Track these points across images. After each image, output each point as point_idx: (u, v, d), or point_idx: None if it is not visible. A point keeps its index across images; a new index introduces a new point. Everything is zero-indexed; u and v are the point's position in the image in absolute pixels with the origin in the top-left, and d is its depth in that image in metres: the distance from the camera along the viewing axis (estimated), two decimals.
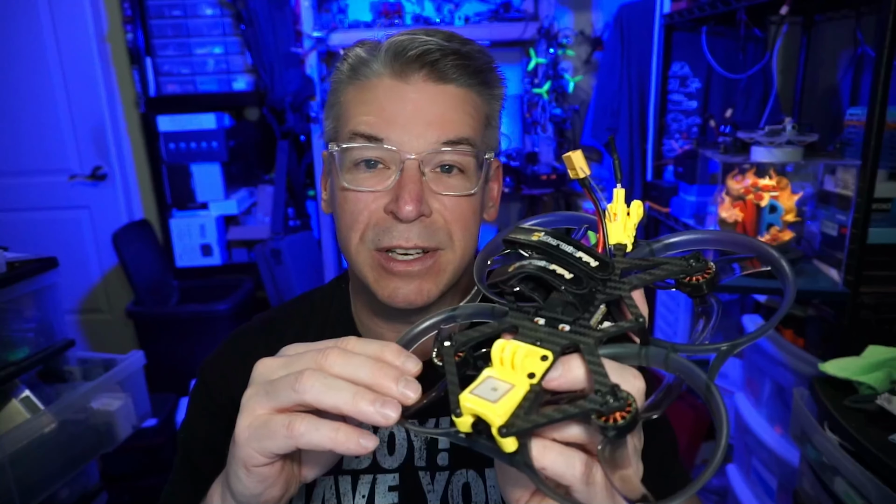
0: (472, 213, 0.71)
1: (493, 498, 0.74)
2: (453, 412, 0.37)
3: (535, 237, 0.44)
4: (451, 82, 0.69)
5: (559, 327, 0.40)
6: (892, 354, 1.15)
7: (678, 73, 2.54)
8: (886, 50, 1.28)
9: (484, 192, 0.75)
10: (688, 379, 0.39)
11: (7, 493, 1.28)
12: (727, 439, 0.36)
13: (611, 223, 0.45)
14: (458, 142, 0.68)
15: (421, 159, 0.67)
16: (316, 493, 0.76)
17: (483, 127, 0.72)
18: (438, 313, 0.48)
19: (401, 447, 0.76)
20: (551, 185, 2.63)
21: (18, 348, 1.48)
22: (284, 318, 0.87)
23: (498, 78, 0.74)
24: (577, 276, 0.41)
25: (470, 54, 0.70)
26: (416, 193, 0.66)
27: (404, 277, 0.69)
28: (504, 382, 0.37)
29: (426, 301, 0.70)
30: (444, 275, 0.71)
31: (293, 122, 2.75)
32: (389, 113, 0.67)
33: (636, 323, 0.39)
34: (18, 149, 2.90)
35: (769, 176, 1.65)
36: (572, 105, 2.82)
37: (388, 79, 0.68)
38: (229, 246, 3.02)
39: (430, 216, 0.69)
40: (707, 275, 0.42)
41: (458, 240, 0.70)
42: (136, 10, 2.73)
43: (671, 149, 2.54)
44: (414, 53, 0.67)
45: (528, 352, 0.38)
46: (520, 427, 0.35)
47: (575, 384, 0.38)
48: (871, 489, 0.97)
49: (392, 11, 2.66)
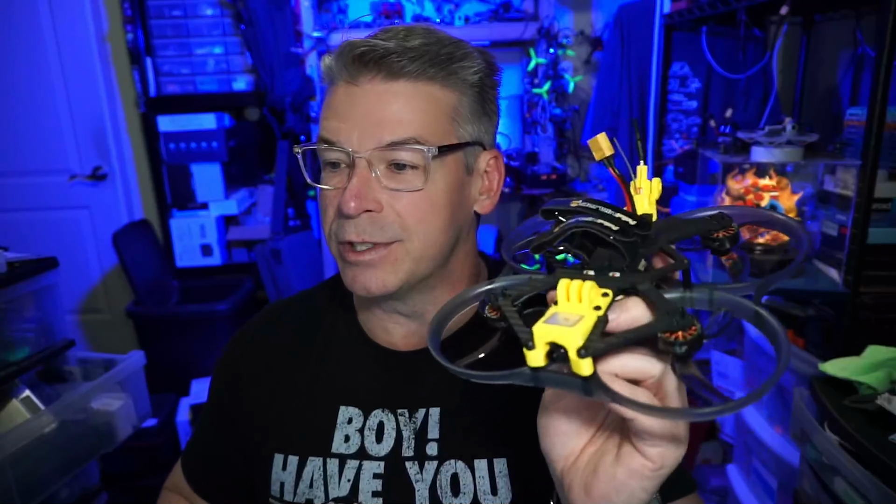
0: (429, 206, 0.72)
1: (482, 488, 0.74)
2: (525, 345, 0.38)
3: (573, 204, 0.46)
4: (400, 77, 0.70)
5: (610, 275, 0.42)
6: (892, 354, 1.15)
7: (678, 73, 2.55)
8: (886, 50, 1.28)
9: (463, 185, 0.76)
10: (736, 311, 0.41)
11: (7, 493, 1.28)
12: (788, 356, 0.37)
13: (637, 196, 0.47)
14: (404, 142, 0.69)
15: (368, 157, 0.69)
16: (306, 472, 0.78)
17: (446, 120, 0.72)
18: (478, 286, 0.49)
19: (388, 436, 0.77)
20: (551, 185, 2.63)
21: (18, 348, 1.48)
22: (286, 308, 0.92)
23: (470, 67, 0.73)
24: (622, 227, 0.42)
25: (424, 47, 0.70)
26: (356, 190, 0.69)
27: (359, 266, 0.73)
28: (573, 315, 0.38)
29: (383, 290, 0.73)
30: (401, 264, 0.72)
31: (293, 122, 2.75)
32: (342, 116, 0.71)
33: (681, 264, 0.42)
34: (18, 149, 2.90)
35: (769, 176, 1.65)
36: (572, 105, 2.82)
37: (344, 83, 0.72)
38: (229, 246, 3.03)
39: (380, 211, 0.71)
40: (730, 232, 0.45)
41: (414, 231, 0.72)
42: (136, 10, 2.72)
43: (671, 149, 2.54)
44: (356, 54, 0.69)
45: (592, 287, 0.40)
46: (597, 348, 0.37)
47: (637, 321, 0.40)
48: (871, 489, 0.97)
49: (392, 11, 2.66)
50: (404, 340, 0.82)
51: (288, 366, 0.85)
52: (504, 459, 0.75)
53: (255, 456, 0.83)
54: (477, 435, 0.75)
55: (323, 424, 0.80)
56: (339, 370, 0.83)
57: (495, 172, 0.80)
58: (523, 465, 0.75)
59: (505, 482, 0.74)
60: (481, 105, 0.76)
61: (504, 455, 0.75)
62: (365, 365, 0.82)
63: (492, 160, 0.79)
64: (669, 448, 0.42)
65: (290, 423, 0.81)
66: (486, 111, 0.77)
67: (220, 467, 0.90)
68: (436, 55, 0.70)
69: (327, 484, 0.77)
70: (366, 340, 0.83)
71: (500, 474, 0.74)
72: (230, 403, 0.87)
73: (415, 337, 0.81)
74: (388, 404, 0.79)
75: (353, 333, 0.84)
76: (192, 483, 0.92)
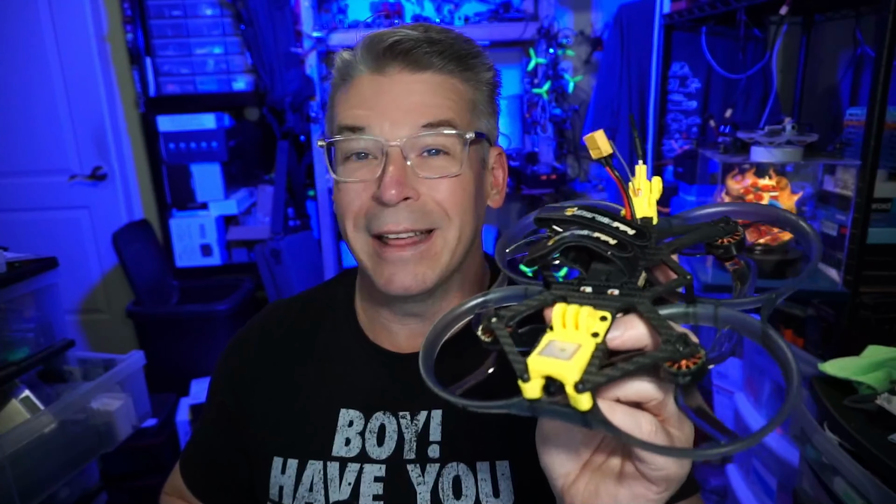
0: (463, 192, 0.72)
1: (484, 490, 0.74)
2: (521, 378, 0.36)
3: (568, 212, 0.44)
4: (428, 69, 0.71)
5: (608, 292, 0.40)
6: (892, 354, 1.15)
7: (678, 73, 2.54)
8: (886, 50, 1.28)
9: (481, 176, 0.76)
10: (741, 329, 0.39)
11: (7, 493, 1.28)
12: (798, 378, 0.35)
13: (635, 197, 0.45)
14: (439, 124, 0.69)
15: (402, 146, 0.69)
16: (305, 476, 0.78)
17: (468, 111, 0.73)
18: (470, 299, 0.47)
19: (390, 439, 0.77)
20: (551, 185, 2.63)
21: (18, 348, 1.48)
22: (287, 309, 0.91)
23: (484, 65, 0.75)
24: (620, 242, 0.41)
25: (446, 42, 0.71)
26: (396, 177, 0.68)
27: (398, 263, 0.71)
28: (570, 343, 0.37)
29: (422, 286, 0.71)
30: (440, 258, 0.72)
31: (293, 122, 2.74)
32: (370, 104, 0.70)
33: (684, 279, 0.40)
34: (18, 149, 2.89)
35: (769, 176, 1.65)
36: (572, 105, 2.82)
37: (368, 74, 0.71)
38: (229, 246, 3.02)
39: (417, 199, 0.70)
40: (736, 237, 0.43)
41: (454, 217, 0.71)
42: (136, 10, 2.72)
43: (671, 149, 2.54)
44: (385, 46, 0.69)
45: (589, 312, 0.38)
46: (595, 381, 0.35)
47: (638, 341, 0.39)
48: (871, 489, 0.97)
49: (392, 11, 2.66)
50: (408, 342, 0.81)
51: (288, 368, 0.84)
52: (506, 462, 0.74)
53: (255, 459, 0.82)
54: (479, 437, 0.75)
55: (323, 427, 0.79)
56: (340, 372, 0.82)
57: (500, 168, 0.81)
58: (526, 467, 0.74)
59: (507, 484, 0.74)
60: (492, 102, 0.78)
61: (506, 457, 0.75)
62: (366, 367, 0.81)
63: (497, 156, 0.81)
64: (673, 471, 0.42)
65: (290, 425, 0.81)
66: (494, 109, 0.79)
67: (220, 470, 0.89)
68: (457, 50, 0.72)
69: (327, 487, 0.76)
70: (367, 342, 0.83)
71: (502, 476, 0.74)
72: (230, 406, 0.86)
73: (418, 339, 0.81)
74: (389, 407, 0.78)
75: (354, 335, 0.84)
76: (191, 486, 0.91)
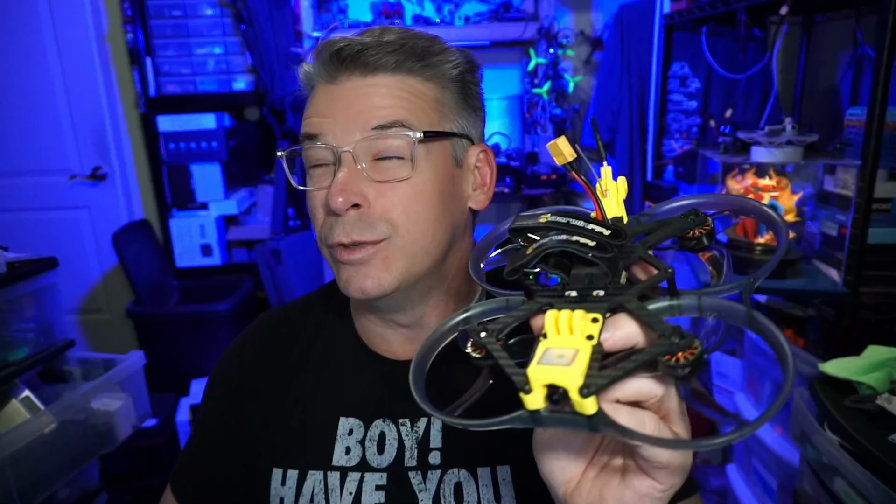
0: (416, 196, 0.69)
1: (486, 497, 0.73)
2: (522, 390, 0.36)
3: (542, 219, 0.44)
4: (378, 71, 0.69)
5: (594, 293, 0.40)
6: (892, 354, 1.15)
7: (678, 73, 2.55)
8: (886, 50, 1.28)
9: (454, 178, 0.74)
10: (727, 315, 0.39)
11: (7, 493, 1.28)
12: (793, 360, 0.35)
13: (604, 199, 0.46)
14: (389, 125, 0.68)
15: (353, 151, 0.68)
16: (306, 487, 0.77)
17: (431, 110, 0.71)
18: (452, 317, 0.48)
19: (390, 447, 0.76)
20: (551, 185, 2.63)
21: (18, 348, 1.48)
22: (281, 318, 0.89)
23: (450, 61, 0.72)
24: (600, 243, 0.41)
25: (400, 41, 0.70)
26: (342, 184, 0.67)
27: (352, 266, 0.70)
28: (566, 349, 0.37)
29: (380, 290, 0.70)
30: (393, 262, 0.70)
31: (293, 122, 2.74)
32: (323, 112, 0.70)
33: (666, 273, 0.40)
34: (18, 149, 2.89)
35: (769, 176, 1.65)
36: (572, 105, 2.82)
37: (323, 83, 0.71)
38: (229, 246, 3.02)
39: (367, 207, 0.69)
40: (706, 228, 0.44)
41: (403, 225, 0.69)
42: (136, 10, 2.72)
43: (671, 149, 2.54)
44: (331, 53, 0.68)
45: (580, 316, 0.38)
46: (599, 384, 0.35)
47: (631, 339, 0.39)
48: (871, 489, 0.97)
49: (392, 11, 2.66)
50: (402, 349, 0.80)
51: (285, 377, 0.83)
52: (507, 467, 0.74)
53: (253, 471, 0.81)
54: (480, 443, 0.74)
55: (323, 437, 0.78)
56: (338, 381, 0.81)
57: (486, 167, 0.78)
58: (527, 472, 0.73)
59: (509, 490, 0.73)
60: (464, 99, 0.75)
61: (507, 463, 0.74)
62: (364, 375, 0.80)
63: (481, 154, 0.78)
64: (678, 464, 0.42)
65: (289, 436, 0.79)
66: (470, 106, 0.76)
67: (217, 486, 0.86)
68: (412, 48, 0.70)
69: (328, 497, 0.75)
70: (364, 350, 0.81)
71: (503, 482, 0.74)
72: (226, 419, 0.84)
73: (413, 344, 0.79)
74: (389, 414, 0.77)
75: (351, 343, 0.82)
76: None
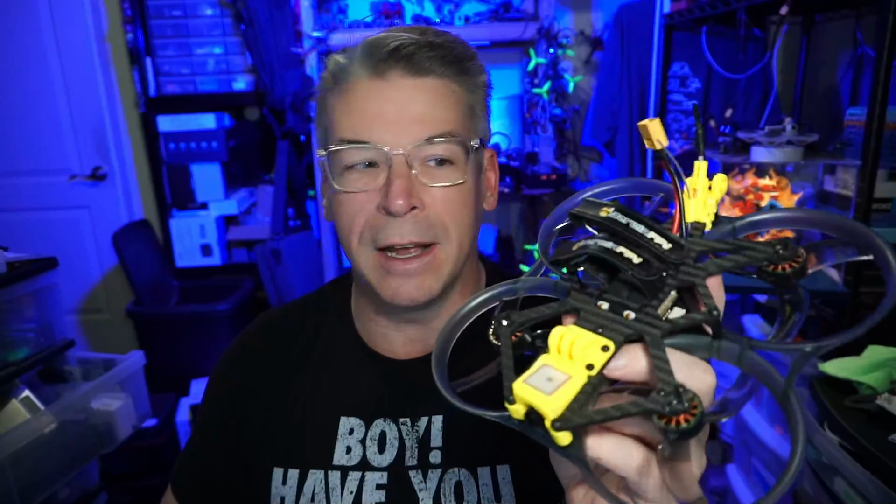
0: (464, 203, 0.72)
1: (486, 496, 0.74)
2: (506, 399, 0.35)
3: (603, 213, 0.40)
4: (429, 74, 0.70)
5: (624, 314, 0.37)
6: (892, 354, 1.15)
7: (678, 73, 2.54)
8: (886, 50, 1.28)
9: (479, 181, 0.76)
10: (764, 381, 0.36)
11: (7, 493, 1.28)
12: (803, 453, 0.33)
13: (689, 199, 0.40)
14: (443, 136, 0.69)
15: (407, 155, 0.68)
16: (307, 486, 0.77)
17: (467, 116, 0.73)
18: (499, 285, 0.45)
19: (391, 446, 0.77)
20: (551, 185, 2.63)
21: (18, 348, 1.48)
22: (281, 319, 0.89)
23: (478, 67, 0.75)
24: (645, 260, 0.37)
25: (445, 45, 0.71)
26: (404, 187, 0.67)
27: (404, 276, 0.70)
28: (560, 373, 0.35)
29: (428, 297, 0.71)
30: (443, 269, 0.72)
31: (293, 122, 2.74)
32: (372, 113, 0.69)
33: (709, 316, 0.36)
34: (18, 149, 2.89)
35: (769, 176, 1.65)
36: (572, 105, 2.82)
37: (367, 80, 0.70)
38: (229, 246, 3.02)
39: (423, 210, 0.70)
40: (795, 264, 0.36)
41: (453, 231, 0.71)
42: (136, 10, 2.72)
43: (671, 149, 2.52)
44: (387, 50, 0.68)
45: (588, 342, 0.36)
46: (574, 423, 0.34)
47: (638, 376, 0.36)
48: (871, 489, 0.97)
49: (392, 11, 2.66)
50: (405, 349, 0.80)
51: (286, 377, 0.83)
52: (507, 466, 0.74)
53: (254, 470, 0.81)
54: (480, 442, 0.75)
55: (324, 436, 0.78)
56: (339, 380, 0.81)
57: (492, 170, 0.81)
58: (527, 471, 0.74)
59: (509, 489, 0.74)
60: (486, 103, 0.77)
61: (507, 462, 0.74)
62: (365, 374, 0.81)
63: (489, 158, 0.80)
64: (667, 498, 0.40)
65: (290, 435, 0.80)
66: (487, 109, 0.78)
67: (218, 486, 0.86)
68: (456, 54, 0.71)
69: (329, 497, 0.76)
70: (365, 349, 0.82)
71: (503, 481, 0.74)
72: (226, 417, 0.85)
73: (416, 345, 0.80)
74: (389, 414, 0.78)
75: (351, 342, 0.83)
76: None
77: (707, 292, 0.37)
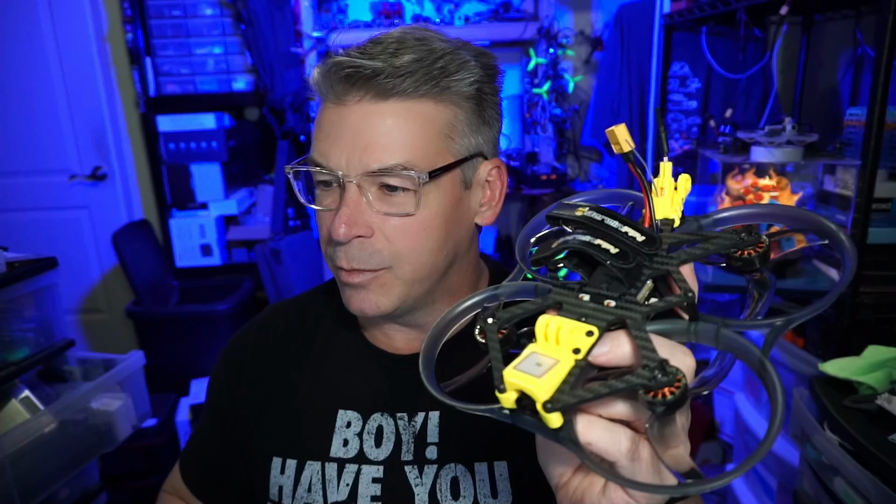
0: (421, 229, 0.70)
1: (482, 491, 0.74)
2: (497, 388, 0.37)
3: (579, 213, 0.42)
4: (391, 98, 0.67)
5: (605, 303, 0.39)
6: (892, 354, 1.15)
7: (678, 73, 2.55)
8: (886, 50, 1.28)
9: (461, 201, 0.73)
10: (740, 355, 0.38)
11: (7, 493, 1.28)
12: (782, 418, 0.34)
13: (657, 197, 0.43)
14: (392, 168, 0.67)
15: (358, 182, 0.68)
16: (304, 477, 0.78)
17: (440, 137, 0.69)
18: (481, 292, 0.47)
19: (388, 440, 0.77)
20: (551, 185, 2.63)
21: (18, 348, 1.48)
22: (286, 310, 0.91)
23: (466, 77, 0.69)
24: (622, 251, 0.39)
25: (416, 64, 0.66)
26: (346, 216, 0.68)
27: (355, 288, 0.72)
28: (548, 358, 0.36)
29: (378, 311, 0.72)
30: (392, 288, 0.72)
31: (293, 122, 2.75)
32: (331, 138, 0.69)
33: (685, 297, 0.38)
34: (18, 149, 2.89)
35: (769, 176, 1.65)
36: (572, 105, 2.82)
37: (332, 102, 0.70)
38: (229, 246, 3.02)
39: (370, 236, 0.69)
40: (759, 248, 0.40)
41: (404, 257, 0.70)
42: (136, 10, 2.72)
43: (671, 149, 2.54)
44: (343, 75, 0.66)
45: (573, 327, 0.37)
46: (565, 402, 0.35)
47: (622, 360, 0.37)
48: (871, 489, 0.97)
49: (392, 11, 2.66)
50: (406, 345, 0.81)
51: (287, 369, 0.84)
52: (504, 462, 0.74)
53: (254, 459, 0.83)
54: (477, 438, 0.75)
55: (321, 428, 0.79)
56: (338, 373, 0.82)
57: (497, 182, 0.77)
58: (524, 468, 0.74)
59: (505, 485, 0.74)
60: (479, 115, 0.72)
61: (504, 458, 0.75)
62: (364, 368, 0.82)
63: (493, 170, 0.76)
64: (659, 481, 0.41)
65: (289, 426, 0.81)
66: (485, 120, 0.73)
67: (219, 470, 0.90)
68: (428, 71, 0.67)
69: (326, 488, 0.77)
70: (365, 344, 0.83)
71: (500, 477, 0.74)
72: (229, 406, 0.87)
73: (417, 341, 0.81)
74: (387, 408, 0.78)
75: (352, 337, 0.84)
76: (190, 486, 0.91)
77: (681, 277, 0.39)
